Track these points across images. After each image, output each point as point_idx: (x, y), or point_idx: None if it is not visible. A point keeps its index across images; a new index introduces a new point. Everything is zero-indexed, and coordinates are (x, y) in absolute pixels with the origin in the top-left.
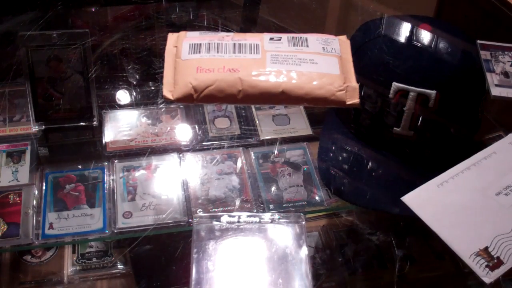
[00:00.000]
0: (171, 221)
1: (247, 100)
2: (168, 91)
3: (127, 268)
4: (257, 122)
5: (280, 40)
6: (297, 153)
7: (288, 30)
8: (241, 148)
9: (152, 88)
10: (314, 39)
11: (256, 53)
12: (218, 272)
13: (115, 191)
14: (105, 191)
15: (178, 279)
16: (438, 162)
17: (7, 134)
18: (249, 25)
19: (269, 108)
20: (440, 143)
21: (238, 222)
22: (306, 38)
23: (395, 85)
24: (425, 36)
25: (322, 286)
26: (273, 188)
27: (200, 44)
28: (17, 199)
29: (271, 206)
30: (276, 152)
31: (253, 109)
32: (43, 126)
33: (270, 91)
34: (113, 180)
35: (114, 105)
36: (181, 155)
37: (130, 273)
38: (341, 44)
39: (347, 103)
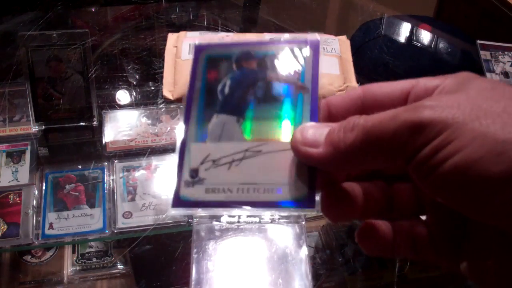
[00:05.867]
0: (171, 221)
1: None
2: (168, 91)
3: (127, 268)
4: None
5: None
6: None
7: (288, 30)
8: None
9: (152, 88)
10: None
11: None
12: (218, 272)
13: (115, 191)
14: (105, 191)
15: (178, 279)
16: None
17: (7, 134)
18: (249, 25)
19: None
20: None
21: (238, 222)
22: None
23: None
24: (425, 36)
25: (322, 286)
26: None
27: None
28: (17, 199)
29: None
30: None
31: None
32: (43, 126)
33: None
34: (113, 180)
35: (114, 105)
36: None
37: (130, 273)
38: (341, 44)
39: None
